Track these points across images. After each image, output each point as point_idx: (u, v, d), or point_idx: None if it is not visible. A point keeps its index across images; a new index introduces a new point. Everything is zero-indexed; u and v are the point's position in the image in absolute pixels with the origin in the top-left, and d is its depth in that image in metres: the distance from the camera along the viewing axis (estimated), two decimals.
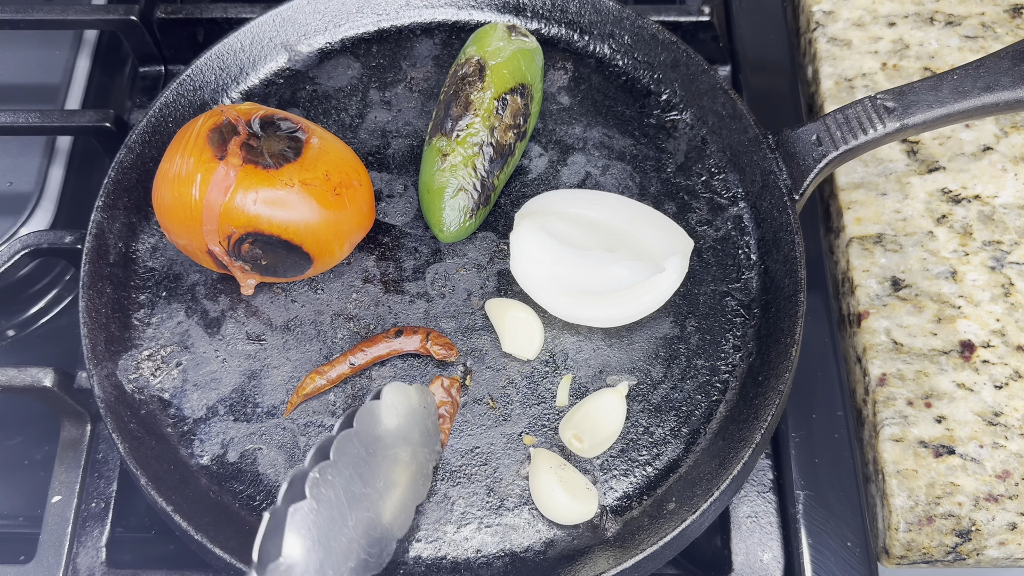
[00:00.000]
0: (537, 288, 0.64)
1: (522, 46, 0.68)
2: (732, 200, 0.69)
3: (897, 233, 0.70)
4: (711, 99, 0.70)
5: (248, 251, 0.61)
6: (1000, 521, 0.60)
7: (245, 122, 0.60)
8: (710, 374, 0.63)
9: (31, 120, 0.72)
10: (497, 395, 0.62)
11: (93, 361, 0.61)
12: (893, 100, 0.64)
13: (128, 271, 0.66)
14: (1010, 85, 0.63)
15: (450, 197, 0.65)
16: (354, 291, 0.66)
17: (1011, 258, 0.68)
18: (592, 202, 0.66)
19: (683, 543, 0.58)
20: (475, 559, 0.58)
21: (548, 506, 0.58)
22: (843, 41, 0.78)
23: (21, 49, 0.80)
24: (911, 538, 0.60)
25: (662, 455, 0.61)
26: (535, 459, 0.59)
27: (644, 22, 0.72)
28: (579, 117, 0.72)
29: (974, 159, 0.72)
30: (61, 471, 0.63)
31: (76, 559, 0.61)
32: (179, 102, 0.70)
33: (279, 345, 0.64)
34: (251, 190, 0.58)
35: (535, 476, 0.59)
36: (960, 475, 0.61)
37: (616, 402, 0.61)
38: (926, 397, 0.64)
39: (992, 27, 0.77)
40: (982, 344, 0.65)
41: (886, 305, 0.67)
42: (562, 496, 0.57)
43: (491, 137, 0.65)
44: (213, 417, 0.62)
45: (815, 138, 0.65)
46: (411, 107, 0.73)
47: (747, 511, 0.63)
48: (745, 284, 0.66)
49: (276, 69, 0.74)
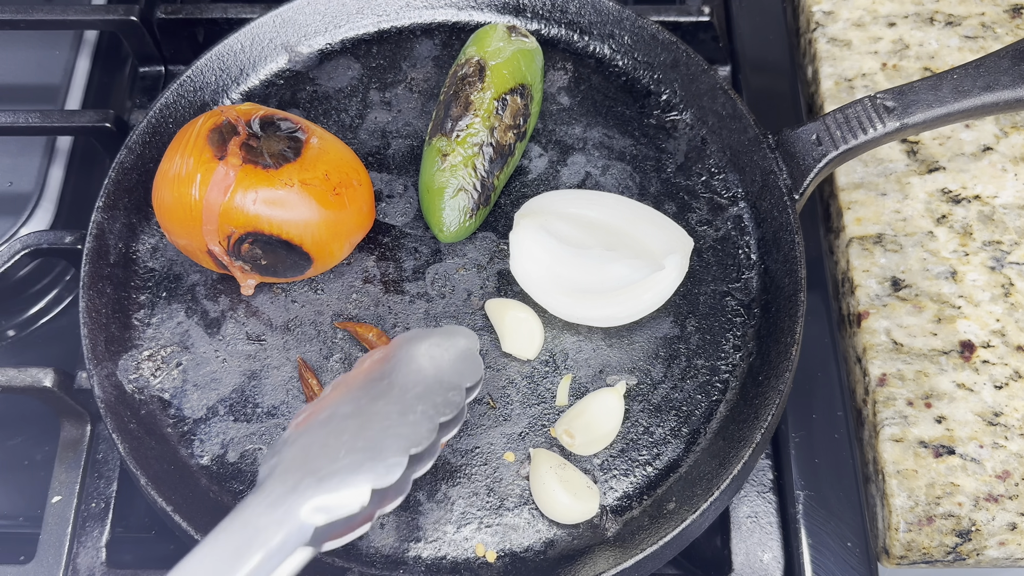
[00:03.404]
0: (537, 288, 0.64)
1: (522, 46, 0.68)
2: (732, 200, 0.69)
3: (897, 233, 0.70)
4: (711, 99, 0.70)
5: (248, 251, 0.61)
6: (1000, 521, 0.60)
7: (245, 122, 0.60)
8: (710, 374, 0.63)
9: (31, 120, 0.72)
10: (497, 395, 0.62)
11: (93, 361, 0.61)
12: (893, 100, 0.64)
13: (128, 271, 0.66)
14: (1010, 85, 0.63)
15: (450, 197, 0.65)
16: (354, 291, 0.66)
17: (1011, 258, 0.68)
18: (592, 202, 0.66)
19: (683, 543, 0.58)
20: (475, 559, 0.58)
21: (549, 505, 0.58)
22: (843, 41, 0.78)
23: (21, 49, 0.80)
24: (911, 538, 0.60)
25: (662, 455, 0.61)
26: (535, 459, 0.59)
27: (644, 22, 0.72)
28: (579, 117, 0.72)
29: (974, 159, 0.72)
30: (61, 471, 0.63)
31: (76, 559, 0.61)
32: (179, 102, 0.70)
33: (279, 345, 0.64)
34: (251, 190, 0.58)
35: (535, 475, 0.59)
36: (960, 475, 0.61)
37: (613, 401, 0.61)
38: (926, 397, 0.64)
39: (992, 27, 0.78)
40: (982, 344, 0.65)
41: (886, 305, 0.67)
42: (563, 495, 0.57)
43: (491, 137, 0.65)
44: (213, 417, 0.62)
45: (815, 138, 0.65)
46: (411, 107, 0.73)
47: (747, 511, 0.63)
48: (745, 284, 0.66)
49: (276, 70, 0.74)
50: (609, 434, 0.60)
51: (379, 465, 0.48)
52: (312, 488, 0.47)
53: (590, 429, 0.60)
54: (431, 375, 0.53)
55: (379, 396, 0.51)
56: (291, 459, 0.49)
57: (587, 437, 0.60)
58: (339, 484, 0.47)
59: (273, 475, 0.48)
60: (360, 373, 0.54)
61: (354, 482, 0.47)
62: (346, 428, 0.50)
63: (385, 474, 0.48)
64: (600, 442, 0.60)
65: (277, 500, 0.46)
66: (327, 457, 0.48)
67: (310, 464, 0.48)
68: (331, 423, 0.50)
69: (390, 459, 0.48)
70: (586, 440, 0.60)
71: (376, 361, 0.55)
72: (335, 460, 0.48)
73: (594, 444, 0.60)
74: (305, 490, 0.47)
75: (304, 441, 0.50)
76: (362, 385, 0.52)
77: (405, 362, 0.54)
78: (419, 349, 0.55)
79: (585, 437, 0.60)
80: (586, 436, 0.60)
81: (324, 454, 0.48)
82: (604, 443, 0.60)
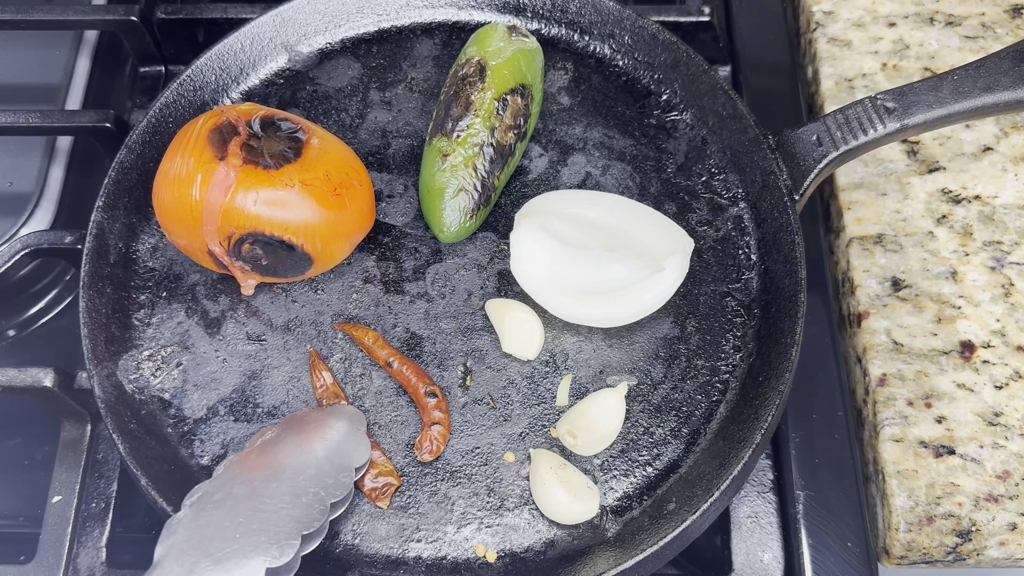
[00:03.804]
0: (537, 288, 0.64)
1: (522, 46, 0.68)
2: (732, 200, 0.69)
3: (897, 233, 0.70)
4: (711, 99, 0.70)
5: (248, 251, 0.61)
6: (1000, 521, 0.60)
7: (245, 122, 0.60)
8: (710, 374, 0.63)
9: (31, 120, 0.72)
10: (497, 395, 0.62)
11: (93, 361, 0.61)
12: (893, 100, 0.64)
13: (128, 271, 0.66)
14: (1010, 85, 0.63)
15: (450, 197, 0.65)
16: (354, 291, 0.66)
17: (1011, 258, 0.68)
18: (592, 202, 0.66)
19: (683, 543, 0.58)
20: (475, 559, 0.58)
21: (549, 505, 0.58)
22: (843, 41, 0.78)
23: (21, 49, 0.80)
24: (911, 538, 0.60)
25: (662, 455, 0.61)
26: (535, 459, 0.59)
27: (644, 22, 0.72)
28: (579, 117, 0.72)
29: (974, 159, 0.72)
30: (61, 471, 0.63)
31: (76, 559, 0.61)
32: (179, 102, 0.70)
33: (279, 345, 0.64)
34: (251, 190, 0.58)
35: (535, 476, 0.59)
36: (960, 475, 0.61)
37: (614, 402, 0.61)
38: (926, 397, 0.64)
39: (992, 27, 0.78)
40: (982, 344, 0.65)
41: (886, 305, 0.67)
42: (563, 495, 0.57)
43: (491, 137, 0.65)
44: (213, 417, 0.62)
45: (815, 138, 0.65)
46: (411, 107, 0.73)
47: (747, 511, 0.63)
48: (745, 284, 0.66)
49: (276, 69, 0.74)
50: (610, 434, 0.60)
51: (273, 547, 0.50)
52: (208, 570, 0.48)
53: (592, 429, 0.60)
54: (322, 457, 0.56)
55: (272, 478, 0.54)
56: (187, 540, 0.50)
57: (589, 438, 0.60)
58: (235, 566, 0.49)
59: (169, 555, 0.49)
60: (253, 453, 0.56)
61: (249, 564, 0.49)
62: (240, 510, 0.52)
63: (279, 556, 0.50)
64: (601, 442, 0.60)
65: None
66: (222, 538, 0.50)
67: (205, 546, 0.50)
68: (225, 504, 0.52)
69: (283, 541, 0.50)
70: (588, 441, 0.60)
71: (268, 441, 0.57)
72: (231, 541, 0.50)
73: (596, 444, 0.60)
74: (202, 572, 0.48)
75: (200, 522, 0.51)
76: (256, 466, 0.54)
77: (296, 444, 0.56)
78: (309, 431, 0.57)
79: (587, 438, 0.60)
80: (588, 437, 0.60)
81: (219, 535, 0.50)
82: (605, 443, 0.61)
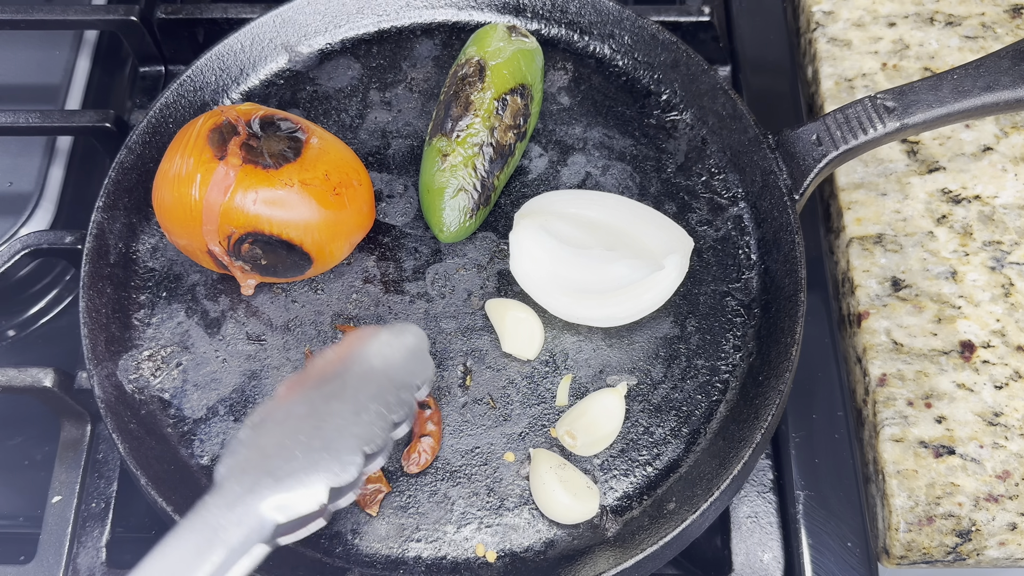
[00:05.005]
0: (537, 288, 0.64)
1: (522, 46, 0.68)
2: (732, 200, 0.69)
3: (897, 233, 0.70)
4: (711, 99, 0.70)
5: (248, 251, 0.61)
6: (1000, 521, 0.60)
7: (245, 122, 0.60)
8: (710, 374, 0.63)
9: (31, 120, 0.72)
10: (497, 395, 0.62)
11: (93, 361, 0.61)
12: (893, 100, 0.64)
13: (128, 271, 0.66)
14: (1010, 85, 0.63)
15: (450, 197, 0.65)
16: (354, 291, 0.66)
17: (1011, 258, 0.68)
18: (592, 202, 0.66)
19: (683, 543, 0.58)
20: (475, 559, 0.58)
21: (549, 505, 0.58)
22: (843, 41, 0.78)
23: (21, 49, 0.80)
24: (911, 538, 0.60)
25: (662, 455, 0.61)
26: (535, 459, 0.59)
27: (644, 22, 0.72)
28: (579, 117, 0.72)
29: (974, 159, 0.72)
30: (61, 471, 0.63)
31: (76, 559, 0.61)
32: (179, 102, 0.70)
33: (279, 345, 0.64)
34: (251, 190, 0.58)
35: (535, 476, 0.59)
36: (960, 475, 0.61)
37: (614, 402, 0.61)
38: (926, 397, 0.64)
39: (992, 27, 0.78)
40: (982, 344, 0.65)
41: (886, 305, 0.67)
42: (563, 495, 0.57)
43: (491, 137, 0.65)
44: (213, 417, 0.62)
45: (815, 138, 0.65)
46: (411, 107, 0.73)
47: (747, 511, 0.63)
48: (745, 284, 0.66)
49: (276, 70, 0.74)
50: (610, 434, 0.60)
51: (335, 464, 0.49)
52: (270, 488, 0.48)
53: (592, 430, 0.60)
54: (383, 374, 0.55)
55: (333, 396, 0.53)
56: (248, 459, 0.50)
57: (589, 438, 0.60)
58: (296, 483, 0.48)
59: (231, 475, 0.49)
60: (313, 373, 0.56)
61: (311, 481, 0.48)
62: (301, 428, 0.51)
63: (341, 472, 0.49)
64: (601, 442, 0.60)
65: (236, 500, 0.47)
66: (284, 457, 0.49)
67: (267, 464, 0.49)
68: (287, 423, 0.51)
69: (345, 458, 0.50)
70: (588, 441, 0.60)
71: (329, 361, 0.56)
72: (292, 460, 0.49)
73: (596, 445, 0.60)
74: (263, 490, 0.48)
75: (261, 441, 0.51)
76: (316, 385, 0.53)
77: (357, 361, 0.55)
78: (370, 348, 0.56)
79: (587, 438, 0.60)
80: (588, 437, 0.60)
81: (281, 454, 0.50)
82: (605, 443, 0.61)
